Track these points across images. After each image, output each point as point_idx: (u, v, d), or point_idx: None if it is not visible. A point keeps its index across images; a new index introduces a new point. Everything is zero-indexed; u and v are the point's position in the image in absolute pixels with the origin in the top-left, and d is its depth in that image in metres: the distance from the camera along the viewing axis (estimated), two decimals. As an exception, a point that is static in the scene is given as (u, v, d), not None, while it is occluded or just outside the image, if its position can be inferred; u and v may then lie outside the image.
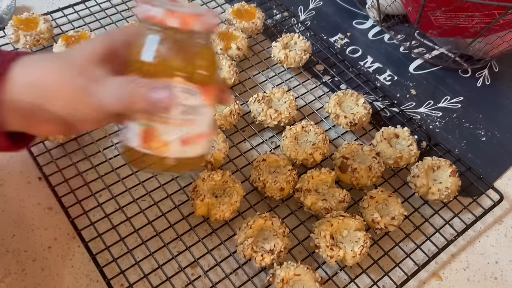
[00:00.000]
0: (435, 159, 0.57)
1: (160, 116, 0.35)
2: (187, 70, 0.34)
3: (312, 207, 0.52)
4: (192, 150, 0.37)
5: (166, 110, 0.34)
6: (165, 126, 0.35)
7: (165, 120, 0.35)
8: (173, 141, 0.36)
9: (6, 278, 0.48)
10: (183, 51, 0.34)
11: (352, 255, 0.48)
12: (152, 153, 0.36)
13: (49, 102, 0.35)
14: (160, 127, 0.35)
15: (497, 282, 0.52)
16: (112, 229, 0.51)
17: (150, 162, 0.37)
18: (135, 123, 0.36)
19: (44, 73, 0.35)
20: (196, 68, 0.35)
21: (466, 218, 0.56)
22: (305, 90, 0.68)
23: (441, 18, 0.64)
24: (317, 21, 0.79)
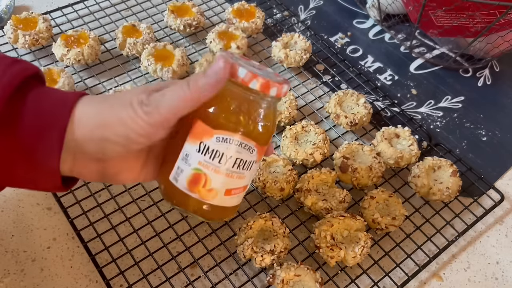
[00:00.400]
0: (435, 159, 0.57)
1: (213, 164, 0.36)
2: (251, 128, 0.36)
3: (312, 207, 0.52)
4: (232, 200, 0.39)
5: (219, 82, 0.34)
6: (216, 175, 0.37)
7: (218, 169, 0.36)
8: (219, 190, 0.37)
9: (5, 278, 0.48)
10: (253, 111, 0.36)
11: (352, 255, 0.48)
12: (195, 197, 0.37)
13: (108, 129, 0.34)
14: (211, 174, 0.37)
15: (498, 283, 0.52)
16: (111, 229, 0.51)
17: (191, 205, 0.38)
18: (187, 166, 0.37)
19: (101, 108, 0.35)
20: (259, 127, 0.37)
21: (467, 218, 0.56)
22: (305, 89, 0.67)
23: (441, 17, 0.64)
24: (318, 21, 0.79)
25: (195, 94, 0.34)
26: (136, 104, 0.34)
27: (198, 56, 0.70)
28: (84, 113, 0.34)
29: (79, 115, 0.34)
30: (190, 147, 0.37)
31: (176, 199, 0.38)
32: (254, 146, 0.37)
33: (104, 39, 0.70)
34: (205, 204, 0.38)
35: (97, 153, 0.35)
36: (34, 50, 0.67)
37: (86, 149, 0.35)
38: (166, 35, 0.72)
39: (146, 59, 0.64)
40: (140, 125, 0.34)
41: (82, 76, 0.66)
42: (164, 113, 0.34)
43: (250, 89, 0.35)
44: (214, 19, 0.76)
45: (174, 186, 0.38)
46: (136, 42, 0.66)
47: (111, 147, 0.35)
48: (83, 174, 0.37)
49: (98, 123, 0.34)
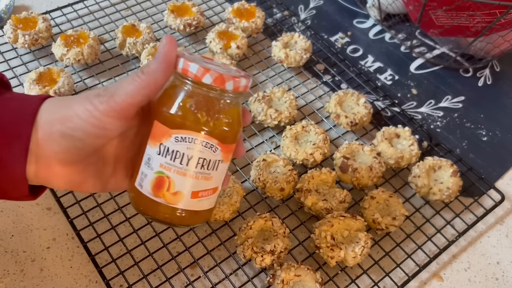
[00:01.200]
0: (436, 159, 0.57)
1: (175, 166, 0.35)
2: (211, 125, 0.35)
3: (312, 207, 0.52)
4: (202, 204, 0.37)
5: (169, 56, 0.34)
6: (180, 177, 0.35)
7: (182, 171, 0.35)
8: (185, 193, 0.36)
9: (4, 278, 0.48)
10: (211, 108, 0.35)
11: (352, 255, 0.48)
12: (162, 202, 0.36)
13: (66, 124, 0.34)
14: (175, 177, 0.35)
15: (498, 283, 0.52)
16: (111, 230, 0.51)
17: (158, 211, 0.37)
18: (150, 170, 0.36)
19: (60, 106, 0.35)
20: (220, 125, 0.35)
21: (467, 219, 0.56)
22: (305, 89, 0.67)
23: (442, 17, 0.64)
24: (318, 20, 0.79)
25: (148, 78, 0.34)
26: (92, 97, 0.34)
27: (198, 56, 0.70)
28: (45, 113, 0.35)
29: (40, 116, 0.34)
30: (151, 150, 0.36)
31: (143, 206, 0.37)
32: (216, 145, 0.36)
33: (104, 39, 0.70)
34: (172, 209, 0.36)
35: (58, 153, 0.35)
36: (33, 50, 0.67)
37: (48, 149, 0.35)
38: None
39: (146, 59, 0.63)
40: (95, 115, 0.34)
41: (81, 76, 0.66)
42: (119, 101, 0.34)
43: (205, 84, 0.34)
44: (214, 18, 0.76)
45: (140, 192, 0.37)
46: (136, 42, 0.66)
47: (72, 144, 0.35)
48: (49, 180, 0.37)
49: (56, 119, 0.34)
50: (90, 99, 0.34)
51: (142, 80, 0.34)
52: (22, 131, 0.34)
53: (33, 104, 0.35)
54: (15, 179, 0.35)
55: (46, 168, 0.36)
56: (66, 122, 0.34)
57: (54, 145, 0.35)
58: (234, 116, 0.36)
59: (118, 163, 0.39)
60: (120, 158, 0.39)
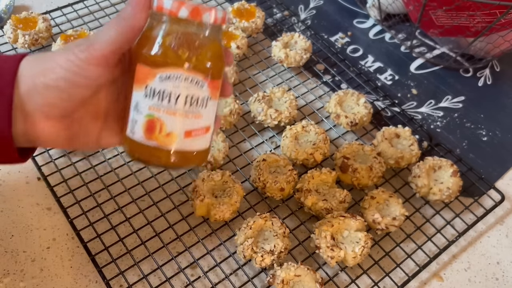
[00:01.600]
0: (436, 159, 0.57)
1: (164, 106, 0.35)
2: (194, 60, 0.34)
3: (312, 207, 0.52)
4: (196, 144, 0.37)
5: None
6: (170, 117, 0.35)
7: (171, 110, 0.35)
8: (178, 133, 0.35)
9: (4, 278, 0.48)
10: (191, 43, 0.34)
11: (352, 255, 0.48)
12: (156, 146, 0.36)
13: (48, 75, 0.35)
14: (165, 117, 0.35)
15: (498, 283, 0.52)
16: (111, 230, 0.51)
17: (154, 155, 0.36)
18: (140, 114, 0.35)
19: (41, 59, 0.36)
20: (203, 60, 0.35)
21: (467, 219, 0.56)
22: (305, 89, 0.67)
23: (442, 17, 0.64)
24: (318, 20, 0.79)
25: (125, 23, 0.34)
26: (73, 47, 0.35)
27: (198, 56, 0.70)
28: (25, 68, 0.35)
29: (21, 72, 0.35)
30: (138, 95, 0.35)
31: (137, 152, 0.37)
32: (202, 80, 0.35)
33: (104, 39, 0.70)
34: (166, 151, 0.36)
35: (44, 105, 0.35)
36: (33, 50, 0.67)
37: (33, 103, 0.35)
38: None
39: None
40: (77, 64, 0.34)
41: (82, 76, 0.66)
42: (99, 48, 0.34)
43: (181, 20, 0.34)
44: (214, 18, 0.76)
45: (133, 140, 0.36)
46: (136, 42, 0.66)
47: (57, 95, 0.35)
48: (39, 138, 0.37)
49: (38, 72, 0.35)
50: (70, 49, 0.34)
51: (120, 26, 0.34)
52: (3, 90, 0.34)
53: (11, 62, 0.35)
54: (2, 141, 0.35)
55: (34, 125, 0.36)
56: (49, 73, 0.34)
57: (39, 98, 0.35)
58: (215, 50, 0.36)
59: (108, 117, 0.39)
60: (109, 112, 0.39)
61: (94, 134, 0.39)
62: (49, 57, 0.35)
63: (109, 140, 0.40)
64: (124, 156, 0.57)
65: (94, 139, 0.39)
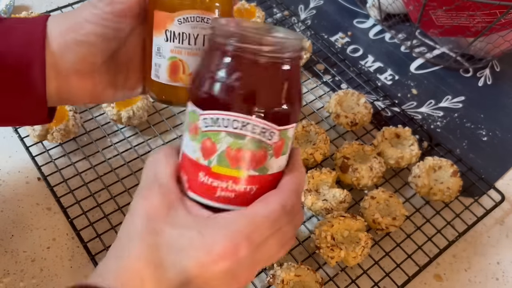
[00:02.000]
0: (436, 159, 0.57)
1: (185, 47, 0.37)
2: (207, 1, 0.36)
3: (312, 207, 0.52)
4: None
5: None
6: (192, 57, 0.37)
7: (192, 51, 0.37)
8: None
9: (4, 278, 0.48)
10: None
11: (353, 255, 0.48)
12: (181, 86, 0.38)
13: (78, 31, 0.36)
14: (188, 58, 0.37)
15: (498, 283, 0.52)
16: (111, 230, 0.51)
17: (180, 95, 0.38)
18: (162, 58, 0.38)
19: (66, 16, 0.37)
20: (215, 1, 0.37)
21: (467, 219, 0.56)
22: (305, 89, 0.67)
23: (442, 17, 0.64)
24: (318, 20, 0.79)
25: None
26: (96, 2, 0.36)
27: (198, 55, 0.70)
28: (53, 27, 0.37)
29: (49, 31, 0.36)
30: (158, 40, 0.37)
31: (165, 94, 0.39)
32: None
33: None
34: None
35: (76, 63, 0.37)
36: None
37: (65, 61, 0.37)
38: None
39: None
40: (104, 17, 0.36)
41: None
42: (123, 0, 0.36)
43: None
44: (214, 18, 0.76)
45: (159, 83, 0.39)
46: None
47: (87, 50, 0.37)
48: (71, 94, 0.39)
49: (67, 29, 0.36)
50: (93, 4, 0.36)
51: None
52: (35, 51, 0.36)
53: (38, 23, 0.37)
54: (37, 100, 0.37)
55: (67, 82, 0.38)
56: (78, 29, 0.36)
57: (71, 55, 0.37)
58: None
59: (130, 67, 0.41)
60: (131, 62, 0.41)
61: (120, 85, 0.41)
62: (75, 14, 0.37)
63: (133, 88, 0.42)
64: (124, 156, 0.57)
65: (120, 90, 0.41)
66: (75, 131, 0.56)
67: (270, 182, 0.34)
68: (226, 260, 0.30)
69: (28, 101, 0.37)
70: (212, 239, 0.30)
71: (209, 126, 0.32)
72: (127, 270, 0.31)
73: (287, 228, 0.33)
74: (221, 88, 0.31)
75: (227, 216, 0.32)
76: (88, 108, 0.61)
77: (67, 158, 0.56)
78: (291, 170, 0.35)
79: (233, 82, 0.31)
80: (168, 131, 0.60)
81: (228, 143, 0.32)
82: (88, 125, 0.60)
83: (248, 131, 0.31)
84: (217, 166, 0.32)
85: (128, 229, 0.32)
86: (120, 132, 0.60)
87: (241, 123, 0.31)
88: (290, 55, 0.32)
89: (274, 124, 0.32)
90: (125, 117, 0.57)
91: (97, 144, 0.58)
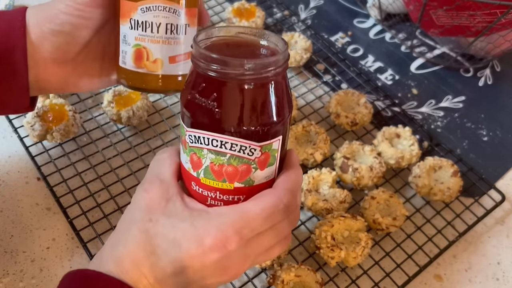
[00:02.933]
0: (436, 159, 0.57)
1: (148, 35, 0.39)
2: None
3: (312, 207, 0.52)
4: (180, 68, 0.41)
5: None
6: (155, 45, 0.39)
7: (155, 39, 0.39)
8: (163, 59, 0.40)
9: (4, 278, 0.48)
10: None
11: (353, 256, 0.48)
12: (146, 72, 0.40)
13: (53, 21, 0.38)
14: (151, 46, 0.39)
15: (499, 283, 0.52)
16: (111, 230, 0.51)
17: (145, 81, 0.41)
18: (128, 45, 0.40)
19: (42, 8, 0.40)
20: None
21: (467, 219, 0.56)
22: (305, 89, 0.67)
23: (442, 17, 0.64)
24: (318, 20, 0.79)
25: None
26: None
27: (198, 55, 0.70)
28: (31, 18, 0.39)
29: (28, 21, 0.39)
30: (124, 28, 0.40)
31: (131, 80, 0.41)
32: (178, 8, 0.39)
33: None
34: (155, 76, 0.40)
35: (52, 52, 0.39)
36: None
37: (43, 50, 0.39)
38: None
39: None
40: (76, 8, 0.38)
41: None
42: None
43: None
44: (214, 18, 0.76)
45: (125, 69, 0.41)
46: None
47: (63, 40, 0.39)
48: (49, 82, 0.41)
49: (44, 19, 0.39)
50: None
51: None
52: (17, 40, 0.38)
53: (18, 14, 0.39)
54: (20, 86, 0.39)
55: (45, 71, 0.40)
56: (54, 19, 0.38)
57: (48, 44, 0.39)
58: None
59: (105, 56, 0.43)
60: (106, 51, 0.43)
61: (95, 74, 0.43)
62: (51, 5, 0.39)
63: (108, 76, 0.45)
64: (124, 156, 0.57)
65: (97, 78, 0.44)
66: (74, 131, 0.56)
67: (259, 191, 0.35)
68: (216, 252, 0.32)
69: (11, 86, 0.40)
70: (204, 231, 0.32)
71: (193, 143, 0.34)
72: (125, 256, 0.33)
73: (282, 226, 0.34)
74: (199, 109, 0.32)
75: (220, 210, 0.33)
76: (88, 108, 0.61)
77: (67, 158, 0.56)
78: (287, 169, 0.36)
79: (210, 103, 0.32)
80: (168, 131, 0.60)
81: (211, 159, 0.33)
82: (87, 125, 0.60)
83: (227, 149, 0.33)
84: (205, 179, 0.34)
85: (127, 219, 0.35)
86: (119, 132, 0.59)
87: (220, 142, 0.32)
88: (264, 76, 0.32)
89: (253, 142, 0.33)
90: (125, 117, 0.57)
91: (96, 144, 0.58)
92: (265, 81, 0.32)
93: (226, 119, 0.32)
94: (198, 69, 0.32)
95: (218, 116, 0.32)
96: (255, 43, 0.35)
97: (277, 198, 0.33)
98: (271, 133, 0.33)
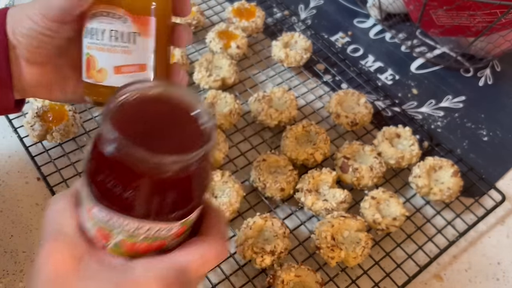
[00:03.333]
0: (436, 159, 0.57)
1: (94, 43, 0.37)
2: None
3: (312, 207, 0.52)
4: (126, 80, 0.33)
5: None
6: (100, 52, 0.37)
7: (99, 46, 0.37)
8: (108, 69, 0.38)
9: (4, 278, 0.48)
10: None
11: (353, 256, 0.48)
12: (93, 83, 0.38)
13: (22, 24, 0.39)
14: (97, 53, 0.38)
15: (499, 283, 0.52)
16: (111, 230, 0.51)
17: (92, 92, 0.39)
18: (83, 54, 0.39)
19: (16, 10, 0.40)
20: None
21: (467, 219, 0.56)
22: (305, 89, 0.67)
23: (442, 17, 0.64)
24: (318, 20, 0.79)
25: None
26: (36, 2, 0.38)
27: (198, 55, 0.70)
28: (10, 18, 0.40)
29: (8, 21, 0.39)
30: (83, 38, 0.39)
31: (86, 92, 0.40)
32: (124, 15, 0.36)
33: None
34: (99, 87, 0.38)
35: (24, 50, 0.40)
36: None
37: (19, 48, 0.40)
38: (166, 34, 0.72)
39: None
40: (40, 18, 0.38)
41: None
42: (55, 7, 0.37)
43: None
44: (214, 18, 0.75)
45: (83, 81, 0.40)
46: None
47: (29, 42, 0.39)
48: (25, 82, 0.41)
49: (16, 21, 0.39)
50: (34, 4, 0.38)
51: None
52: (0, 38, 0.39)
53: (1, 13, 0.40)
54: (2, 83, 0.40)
55: (21, 69, 0.41)
56: (23, 23, 0.38)
57: (20, 44, 0.39)
58: None
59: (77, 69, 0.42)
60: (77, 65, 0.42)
61: (72, 83, 0.43)
62: (23, 8, 0.39)
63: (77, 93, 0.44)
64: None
65: (72, 88, 0.43)
66: (74, 131, 0.56)
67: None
68: None
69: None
70: (140, 285, 0.28)
71: (102, 221, 0.29)
72: None
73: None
74: (113, 190, 0.27)
75: (144, 263, 0.29)
76: (87, 108, 0.61)
77: (67, 158, 0.56)
78: (205, 236, 0.31)
79: (126, 189, 0.27)
80: (168, 131, 0.60)
81: (123, 237, 0.29)
82: (87, 125, 0.60)
83: (141, 234, 0.29)
84: (113, 249, 0.30)
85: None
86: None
87: (136, 226, 0.28)
88: (175, 168, 0.27)
89: (173, 222, 0.29)
90: (125, 117, 0.57)
91: (96, 144, 0.58)
92: (186, 174, 0.28)
93: (146, 206, 0.27)
94: (107, 150, 0.27)
95: (135, 202, 0.27)
96: (182, 114, 0.30)
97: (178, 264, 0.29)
98: (193, 209, 0.30)
